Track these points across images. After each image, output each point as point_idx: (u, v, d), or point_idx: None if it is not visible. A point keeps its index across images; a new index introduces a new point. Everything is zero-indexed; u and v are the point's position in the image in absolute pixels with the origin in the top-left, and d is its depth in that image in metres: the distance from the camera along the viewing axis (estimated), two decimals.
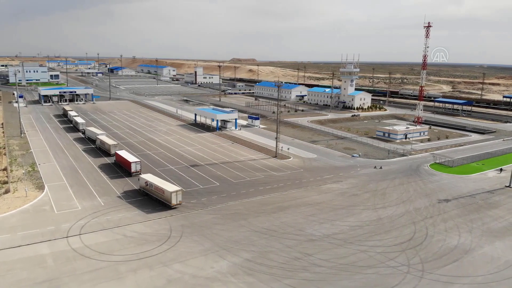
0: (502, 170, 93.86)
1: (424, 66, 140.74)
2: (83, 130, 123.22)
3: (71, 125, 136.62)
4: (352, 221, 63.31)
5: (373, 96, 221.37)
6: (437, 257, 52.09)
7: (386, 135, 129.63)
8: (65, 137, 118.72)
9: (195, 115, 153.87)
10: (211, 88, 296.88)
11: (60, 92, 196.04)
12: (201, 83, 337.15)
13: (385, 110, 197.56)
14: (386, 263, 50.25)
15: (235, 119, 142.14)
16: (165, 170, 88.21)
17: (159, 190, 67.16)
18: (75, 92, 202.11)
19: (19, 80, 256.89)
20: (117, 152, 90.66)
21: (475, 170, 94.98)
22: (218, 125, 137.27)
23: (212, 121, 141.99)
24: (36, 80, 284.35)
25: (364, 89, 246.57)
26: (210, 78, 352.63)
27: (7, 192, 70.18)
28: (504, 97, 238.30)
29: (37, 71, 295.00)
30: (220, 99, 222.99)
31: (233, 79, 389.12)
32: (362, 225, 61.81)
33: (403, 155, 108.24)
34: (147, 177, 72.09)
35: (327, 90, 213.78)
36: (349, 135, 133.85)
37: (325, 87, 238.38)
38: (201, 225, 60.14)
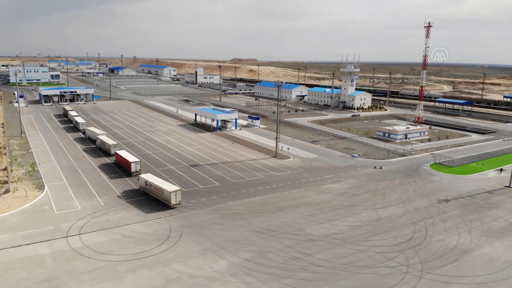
0: (502, 170, 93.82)
1: (425, 66, 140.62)
2: (84, 130, 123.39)
3: (72, 125, 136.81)
4: (352, 221, 63.33)
5: (373, 96, 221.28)
6: (436, 257, 52.09)
7: (386, 135, 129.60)
8: (65, 137, 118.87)
9: (195, 115, 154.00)
10: (211, 88, 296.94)
11: (60, 92, 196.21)
12: (201, 83, 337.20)
13: (385, 110, 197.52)
14: (385, 263, 50.27)
15: (235, 119, 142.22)
16: (165, 170, 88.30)
17: (158, 190, 67.25)
18: (76, 92, 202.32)
19: (19, 80, 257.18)
20: (117, 152, 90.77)
21: (475, 170, 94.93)
22: (218, 125, 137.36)
23: (212, 121, 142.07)
24: (37, 80, 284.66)
25: (364, 89, 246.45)
26: (210, 78, 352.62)
27: (7, 192, 70.31)
28: (504, 97, 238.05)
29: (37, 71, 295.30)
30: (221, 99, 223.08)
31: (233, 79, 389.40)
32: (362, 225, 61.84)
33: (403, 155, 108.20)
34: (146, 177, 72.18)
35: (328, 90, 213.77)
36: (349, 135, 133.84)
37: (325, 87, 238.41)
38: (201, 225, 60.21)
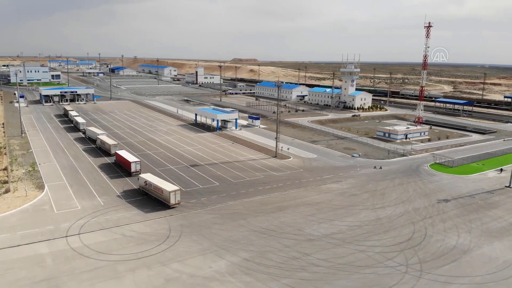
0: (502, 170, 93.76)
1: (425, 66, 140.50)
2: (84, 130, 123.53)
3: (72, 125, 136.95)
4: (351, 221, 63.33)
5: (374, 96, 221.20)
6: (435, 257, 52.08)
7: (386, 135, 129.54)
8: (65, 137, 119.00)
9: (196, 115, 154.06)
10: (212, 88, 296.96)
11: (61, 92, 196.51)
12: (202, 83, 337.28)
13: (385, 110, 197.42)
14: (384, 263, 50.27)
15: (236, 119, 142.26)
16: (165, 170, 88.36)
17: (158, 189, 67.30)
18: (76, 92, 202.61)
19: (20, 80, 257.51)
20: (117, 152, 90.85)
21: (475, 170, 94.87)
22: (219, 125, 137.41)
23: (213, 121, 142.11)
24: (37, 80, 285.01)
25: (365, 89, 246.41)
26: (211, 78, 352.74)
27: (7, 191, 70.41)
28: (505, 97, 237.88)
29: (38, 71, 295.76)
30: (221, 99, 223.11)
31: (234, 79, 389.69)
32: (361, 225, 61.84)
33: (403, 155, 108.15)
34: (146, 176, 72.23)
35: (328, 90, 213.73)
36: (350, 135, 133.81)
37: (326, 87, 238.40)
38: (200, 225, 60.26)
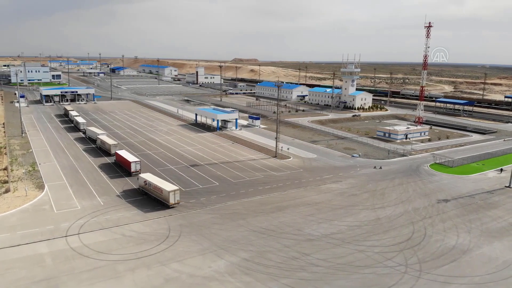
0: (502, 170, 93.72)
1: (425, 66, 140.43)
2: (84, 130, 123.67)
3: (72, 125, 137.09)
4: (351, 221, 63.34)
5: (374, 96, 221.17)
6: (435, 257, 52.09)
7: (386, 135, 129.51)
8: (66, 137, 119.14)
9: (196, 115, 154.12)
10: (212, 88, 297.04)
11: (61, 92, 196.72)
12: (202, 83, 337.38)
13: (386, 110, 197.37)
14: (383, 263, 50.28)
15: (236, 119, 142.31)
16: (165, 170, 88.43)
17: (157, 189, 67.37)
18: (77, 92, 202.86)
19: (20, 80, 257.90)
20: (117, 152, 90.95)
21: (475, 170, 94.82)
22: (219, 125, 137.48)
23: (213, 121, 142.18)
24: (38, 80, 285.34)
25: (365, 89, 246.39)
26: (211, 78, 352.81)
27: (7, 191, 70.52)
28: (505, 97, 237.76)
29: (39, 71, 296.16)
30: (221, 99, 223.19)
31: (234, 79, 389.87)
32: (361, 225, 61.85)
33: (403, 155, 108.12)
34: (146, 176, 72.29)
35: (328, 90, 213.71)
36: (350, 135, 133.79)
37: (326, 87, 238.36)
38: (200, 225, 60.31)
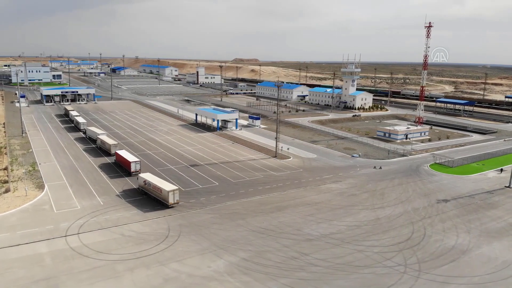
0: (502, 170, 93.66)
1: (425, 66, 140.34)
2: (84, 130, 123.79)
3: (72, 125, 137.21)
4: (350, 221, 63.35)
5: (375, 96, 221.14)
6: (434, 257, 52.08)
7: (386, 135, 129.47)
8: (66, 137, 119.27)
9: (196, 115, 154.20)
10: (213, 88, 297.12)
11: (62, 92, 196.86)
12: (203, 83, 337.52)
13: (386, 110, 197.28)
14: (383, 263, 50.28)
15: (236, 119, 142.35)
16: (165, 169, 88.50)
17: (156, 189, 67.44)
18: (77, 92, 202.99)
19: (21, 80, 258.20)
20: (117, 152, 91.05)
21: (475, 170, 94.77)
22: (219, 125, 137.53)
23: (213, 121, 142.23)
24: (39, 80, 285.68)
25: (366, 89, 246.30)
26: (212, 78, 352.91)
27: (7, 191, 70.63)
28: (506, 97, 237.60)
29: (39, 71, 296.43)
30: (222, 99, 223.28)
31: (235, 79, 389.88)
32: (360, 225, 61.85)
33: (403, 155, 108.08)
34: (145, 176, 72.36)
35: (329, 90, 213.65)
36: (350, 135, 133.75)
37: (326, 87, 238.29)
38: (199, 225, 60.36)
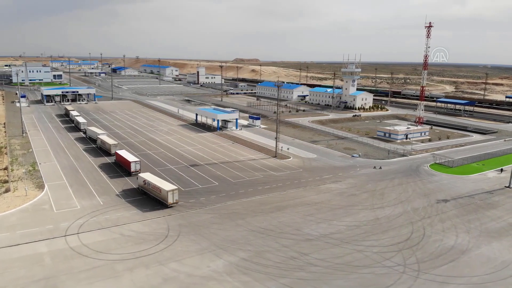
0: (502, 170, 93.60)
1: (425, 66, 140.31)
2: (85, 130, 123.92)
3: (73, 125, 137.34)
4: (350, 221, 63.36)
5: (375, 96, 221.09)
6: (433, 257, 52.09)
7: (386, 135, 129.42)
8: (66, 137, 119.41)
9: (196, 115, 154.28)
10: (213, 88, 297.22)
11: (62, 92, 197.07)
12: (203, 83, 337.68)
13: (386, 110, 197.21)
14: (382, 263, 50.30)
15: (236, 119, 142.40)
16: (165, 169, 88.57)
17: (156, 188, 67.53)
18: (78, 92, 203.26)
19: (22, 80, 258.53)
20: (117, 152, 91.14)
21: (475, 170, 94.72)
22: (219, 125, 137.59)
23: (213, 121, 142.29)
24: (39, 80, 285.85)
25: (366, 89, 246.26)
26: (212, 78, 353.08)
27: (7, 191, 70.74)
28: (506, 97, 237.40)
29: (40, 71, 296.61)
30: (222, 99, 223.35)
31: (235, 79, 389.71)
32: (360, 225, 61.87)
33: (403, 155, 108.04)
34: (145, 176, 72.44)
35: (329, 90, 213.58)
36: (350, 135, 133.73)
37: (327, 87, 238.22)
38: (199, 225, 60.41)
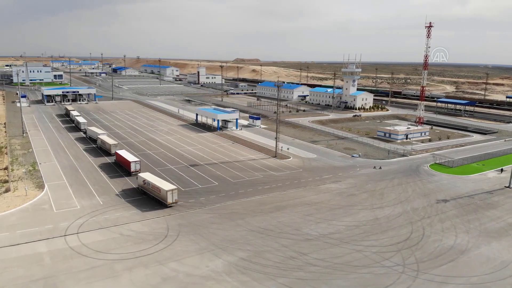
0: (502, 170, 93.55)
1: (426, 66, 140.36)
2: (85, 130, 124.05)
3: (73, 125, 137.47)
4: (349, 221, 63.37)
5: (375, 96, 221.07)
6: (432, 257, 52.08)
7: (387, 135, 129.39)
8: (66, 137, 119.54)
9: (197, 115, 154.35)
10: (213, 88, 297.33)
11: (63, 92, 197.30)
12: (204, 83, 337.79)
13: (387, 111, 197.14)
14: (381, 263, 50.31)
15: (236, 119, 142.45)
16: (165, 169, 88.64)
17: (155, 188, 67.60)
18: (78, 92, 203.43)
19: (22, 80, 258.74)
20: (117, 152, 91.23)
21: (475, 170, 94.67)
22: (219, 125, 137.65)
23: (213, 121, 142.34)
24: (40, 80, 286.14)
25: (367, 89, 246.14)
26: (213, 78, 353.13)
27: (7, 191, 70.85)
28: (507, 97, 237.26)
29: (40, 71, 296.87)
30: (222, 99, 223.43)
31: (236, 79, 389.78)
32: (359, 225, 61.88)
33: (403, 155, 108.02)
34: (145, 175, 72.51)
35: (329, 90, 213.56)
36: (350, 135, 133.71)
37: (327, 87, 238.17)
38: (198, 224, 60.46)
